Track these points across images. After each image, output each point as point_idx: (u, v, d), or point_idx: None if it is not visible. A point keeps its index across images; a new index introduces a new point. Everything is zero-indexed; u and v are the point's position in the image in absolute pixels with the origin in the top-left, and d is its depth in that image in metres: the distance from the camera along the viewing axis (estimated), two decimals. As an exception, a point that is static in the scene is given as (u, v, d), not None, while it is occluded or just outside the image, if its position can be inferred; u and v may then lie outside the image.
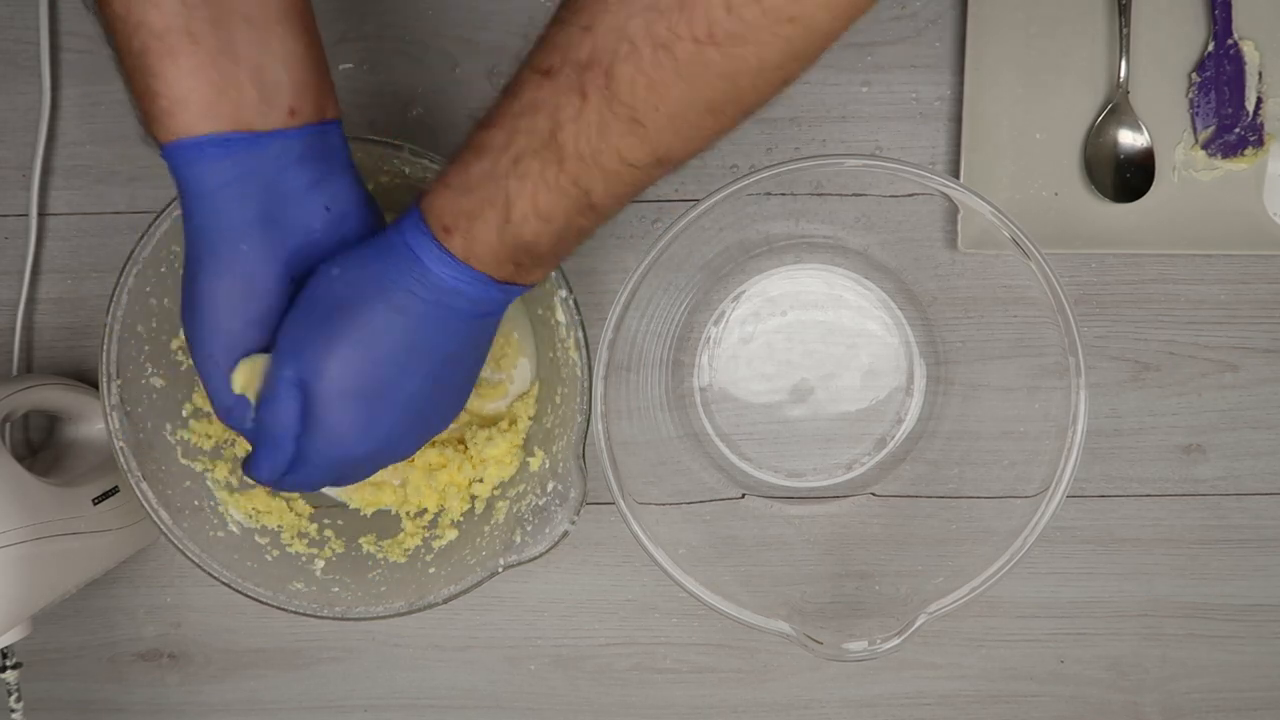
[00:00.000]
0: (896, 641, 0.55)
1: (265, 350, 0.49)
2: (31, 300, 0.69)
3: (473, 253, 0.46)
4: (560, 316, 0.58)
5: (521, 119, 0.44)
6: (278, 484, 0.51)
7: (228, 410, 0.50)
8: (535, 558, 0.57)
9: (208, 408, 0.62)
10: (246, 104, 0.45)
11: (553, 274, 0.57)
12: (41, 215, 0.68)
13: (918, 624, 0.55)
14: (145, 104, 0.45)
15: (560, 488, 0.58)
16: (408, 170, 0.58)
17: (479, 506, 0.63)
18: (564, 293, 0.57)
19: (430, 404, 0.51)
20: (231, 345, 0.49)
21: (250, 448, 0.51)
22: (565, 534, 0.57)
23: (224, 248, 0.47)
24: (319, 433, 0.49)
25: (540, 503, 0.59)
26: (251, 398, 0.50)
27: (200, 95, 0.45)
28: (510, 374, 0.65)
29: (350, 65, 0.67)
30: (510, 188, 0.44)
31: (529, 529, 0.58)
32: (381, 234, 0.49)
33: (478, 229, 0.45)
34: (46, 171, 0.68)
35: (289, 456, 0.50)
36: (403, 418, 0.50)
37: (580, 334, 0.58)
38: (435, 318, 0.48)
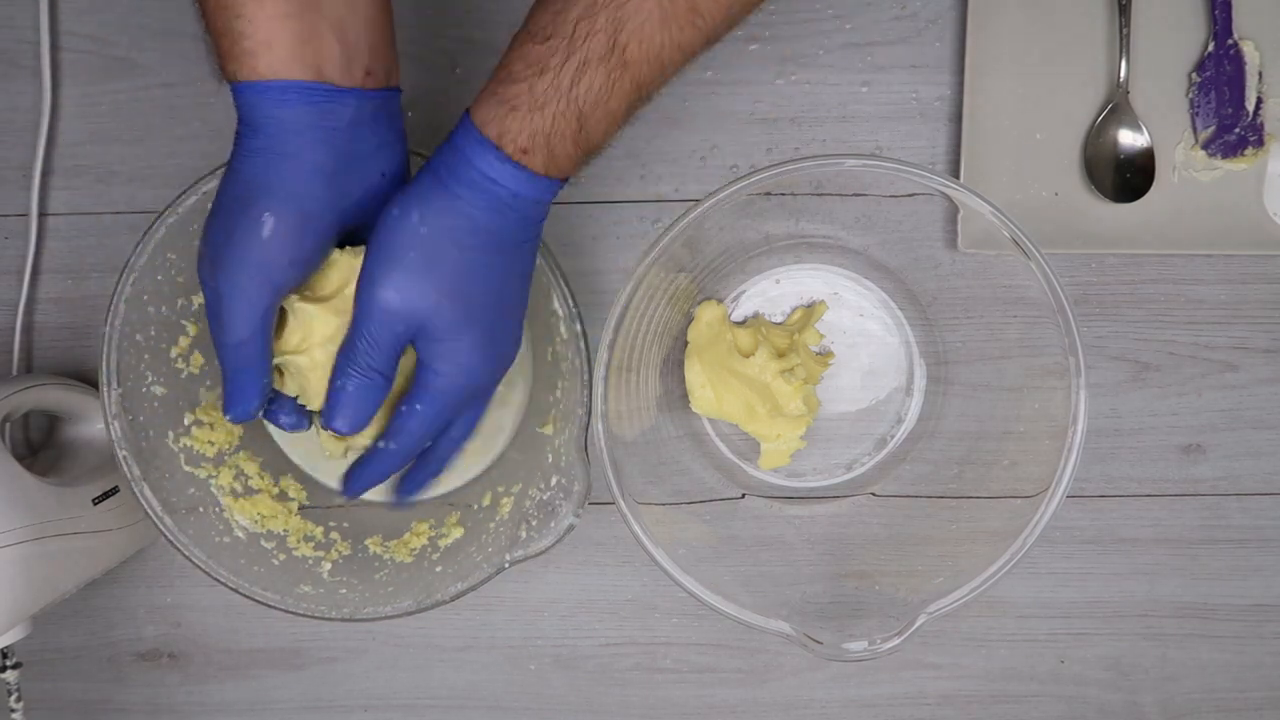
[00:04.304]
0: (896, 641, 0.55)
1: (295, 292, 0.50)
2: (31, 300, 0.69)
3: (555, 166, 0.48)
4: (558, 309, 0.58)
5: (580, 24, 0.45)
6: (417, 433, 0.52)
7: (240, 343, 0.49)
8: (541, 552, 0.57)
9: (209, 419, 0.63)
10: (328, 58, 0.46)
11: (549, 270, 0.57)
12: (41, 215, 0.68)
13: (918, 624, 0.55)
14: (226, 42, 0.45)
15: (564, 481, 0.58)
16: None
17: (485, 501, 0.63)
18: (560, 285, 0.58)
19: (518, 318, 0.53)
20: (267, 280, 0.48)
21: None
22: (571, 527, 0.57)
23: (292, 185, 0.47)
24: (448, 372, 0.50)
25: (544, 497, 0.59)
26: (304, 357, 0.50)
27: (286, 41, 0.45)
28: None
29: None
30: (580, 98, 0.46)
31: (534, 524, 0.58)
32: (448, 170, 0.48)
33: (556, 144, 0.47)
34: (46, 171, 0.68)
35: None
36: (513, 334, 0.52)
37: (579, 326, 0.58)
38: (521, 233, 0.49)
